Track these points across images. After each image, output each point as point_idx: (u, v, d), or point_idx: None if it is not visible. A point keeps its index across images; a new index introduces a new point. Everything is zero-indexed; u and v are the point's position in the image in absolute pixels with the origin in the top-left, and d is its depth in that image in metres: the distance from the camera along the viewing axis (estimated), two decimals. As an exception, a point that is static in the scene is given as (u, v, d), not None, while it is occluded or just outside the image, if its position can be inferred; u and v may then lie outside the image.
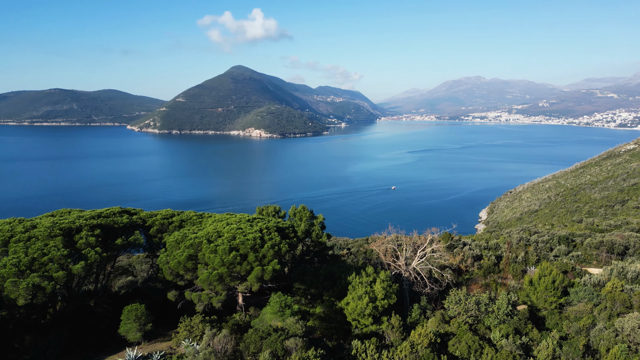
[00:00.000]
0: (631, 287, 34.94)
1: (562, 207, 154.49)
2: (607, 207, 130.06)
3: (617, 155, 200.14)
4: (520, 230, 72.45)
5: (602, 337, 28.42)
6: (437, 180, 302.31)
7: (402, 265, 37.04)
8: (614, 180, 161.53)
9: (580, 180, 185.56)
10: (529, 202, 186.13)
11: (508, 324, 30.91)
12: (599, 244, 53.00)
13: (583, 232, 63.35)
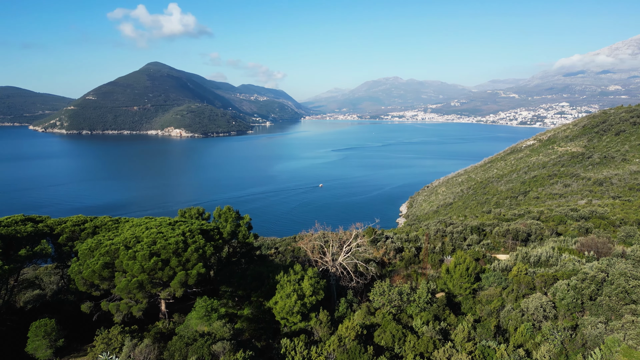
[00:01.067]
0: (534, 270, 38.56)
1: (474, 200, 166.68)
2: (511, 198, 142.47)
3: (519, 151, 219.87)
4: (437, 223, 76.92)
5: (510, 318, 31.10)
6: (360, 177, 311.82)
7: (329, 261, 37.72)
8: (517, 173, 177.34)
9: (488, 174, 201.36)
10: (444, 195, 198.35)
11: (428, 311, 32.71)
12: (506, 232, 57.88)
13: (492, 222, 68.78)
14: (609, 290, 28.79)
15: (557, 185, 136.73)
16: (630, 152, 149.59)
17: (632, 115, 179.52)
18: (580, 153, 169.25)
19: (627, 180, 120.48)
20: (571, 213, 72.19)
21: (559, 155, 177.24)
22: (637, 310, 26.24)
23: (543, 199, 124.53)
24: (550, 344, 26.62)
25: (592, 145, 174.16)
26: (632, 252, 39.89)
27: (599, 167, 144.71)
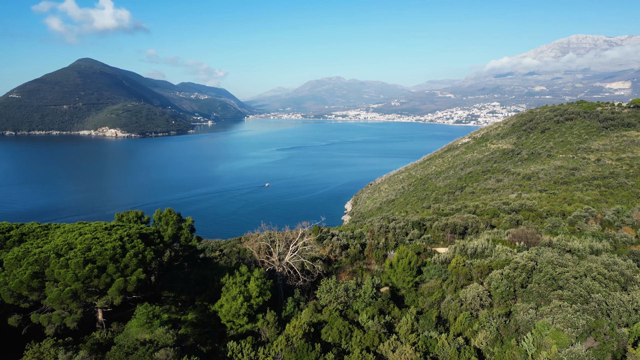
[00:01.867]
0: (471, 261, 40.59)
1: (414, 196, 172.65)
2: (449, 193, 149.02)
3: (456, 148, 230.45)
4: (380, 219, 78.88)
5: (450, 308, 32.51)
6: (306, 176, 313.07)
7: (276, 261, 37.52)
8: (454, 170, 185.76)
9: (427, 171, 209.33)
10: (387, 192, 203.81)
11: (373, 306, 33.44)
12: (445, 226, 60.48)
13: (432, 217, 71.62)
14: (538, 278, 30.88)
15: (491, 180, 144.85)
16: (554, 149, 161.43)
17: (556, 114, 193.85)
18: (510, 150, 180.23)
19: (552, 175, 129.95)
20: (503, 206, 76.74)
21: (491, 152, 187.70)
22: (564, 296, 28.36)
23: (478, 194, 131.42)
24: (487, 331, 28.12)
25: (520, 142, 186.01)
26: (557, 242, 43.08)
27: (527, 163, 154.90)
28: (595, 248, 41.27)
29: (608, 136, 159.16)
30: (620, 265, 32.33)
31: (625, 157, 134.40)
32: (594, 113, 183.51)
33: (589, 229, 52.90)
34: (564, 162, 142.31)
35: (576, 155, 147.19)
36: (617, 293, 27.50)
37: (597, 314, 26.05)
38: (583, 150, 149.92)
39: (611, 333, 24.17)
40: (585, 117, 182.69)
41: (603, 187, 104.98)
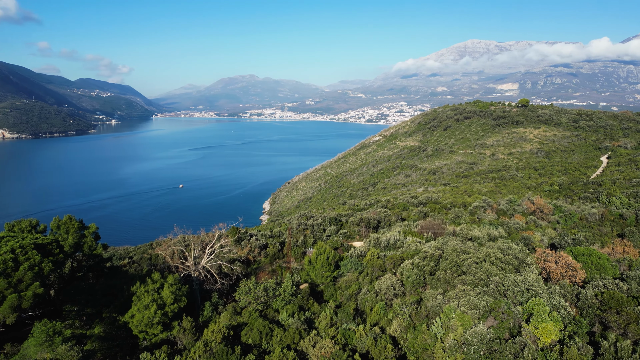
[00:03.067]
0: (384, 253, 42.46)
1: (331, 193, 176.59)
2: (363, 189, 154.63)
3: (368, 146, 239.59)
4: (298, 217, 79.54)
5: (366, 299, 33.74)
6: (222, 176, 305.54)
7: (191, 265, 36.14)
8: (367, 166, 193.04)
9: (342, 169, 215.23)
10: (304, 190, 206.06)
11: (293, 303, 33.63)
12: (359, 221, 62.60)
13: (347, 212, 73.77)
14: (444, 265, 33.17)
15: (400, 176, 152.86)
16: (455, 145, 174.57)
17: (456, 113, 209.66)
18: (417, 147, 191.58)
19: (454, 169, 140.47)
20: (412, 200, 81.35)
21: (400, 149, 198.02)
22: (467, 280, 30.77)
23: (389, 189, 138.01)
24: (401, 319, 29.64)
25: (426, 139, 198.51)
26: (460, 231, 46.64)
27: (432, 159, 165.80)
28: (492, 235, 45.35)
29: (500, 133, 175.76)
30: (513, 249, 35.87)
31: (515, 152, 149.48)
32: (488, 112, 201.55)
33: (486, 218, 58.00)
34: (464, 157, 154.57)
35: (474, 151, 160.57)
36: (512, 275, 30.48)
37: (495, 295, 28.65)
38: (480, 146, 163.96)
39: (508, 312, 26.74)
40: (481, 115, 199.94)
41: (497, 180, 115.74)
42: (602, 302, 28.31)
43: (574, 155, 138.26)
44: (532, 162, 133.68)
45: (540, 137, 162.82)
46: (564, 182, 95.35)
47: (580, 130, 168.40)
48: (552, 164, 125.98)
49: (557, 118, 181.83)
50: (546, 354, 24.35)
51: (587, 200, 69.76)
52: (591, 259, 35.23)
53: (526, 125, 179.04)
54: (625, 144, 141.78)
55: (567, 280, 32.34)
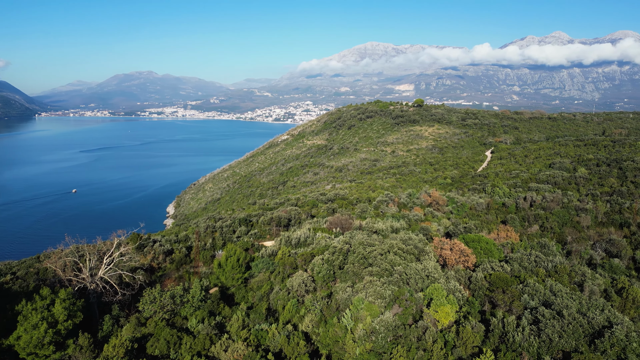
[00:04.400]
0: (295, 250, 42.82)
1: (240, 193, 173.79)
2: (273, 188, 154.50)
3: (276, 145, 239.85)
4: (206, 219, 77.04)
5: (278, 298, 33.77)
6: (119, 179, 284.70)
7: (87, 277, 33.23)
8: (276, 165, 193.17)
9: (251, 168, 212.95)
10: (211, 191, 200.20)
11: (203, 309, 32.52)
12: (270, 220, 62.44)
13: (257, 212, 73.13)
14: (352, 258, 34.39)
15: (309, 174, 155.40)
16: (359, 143, 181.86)
17: (359, 113, 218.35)
18: (324, 145, 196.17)
19: (359, 166, 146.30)
20: (321, 197, 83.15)
21: (308, 148, 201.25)
22: (373, 271, 32.22)
23: (299, 187, 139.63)
24: (312, 314, 30.15)
25: (332, 138, 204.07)
26: (366, 225, 48.70)
27: (338, 157, 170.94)
28: (395, 227, 48.02)
29: (399, 131, 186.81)
30: (414, 240, 38.34)
31: (413, 149, 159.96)
32: (388, 111, 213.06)
33: (389, 211, 61.27)
34: (368, 154, 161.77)
35: (377, 148, 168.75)
36: (413, 264, 32.57)
37: (399, 283, 30.39)
38: (381, 144, 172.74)
39: (411, 298, 28.53)
40: (382, 115, 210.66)
41: (398, 175, 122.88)
42: (491, 283, 31.46)
43: (463, 151, 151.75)
44: (427, 157, 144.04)
45: (435, 135, 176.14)
46: (455, 176, 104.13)
47: (468, 127, 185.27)
48: (445, 159, 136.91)
49: (448, 117, 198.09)
50: (445, 335, 26.42)
51: (475, 192, 76.90)
52: (480, 245, 38.94)
53: (422, 123, 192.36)
54: (505, 139, 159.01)
55: (461, 265, 35.41)
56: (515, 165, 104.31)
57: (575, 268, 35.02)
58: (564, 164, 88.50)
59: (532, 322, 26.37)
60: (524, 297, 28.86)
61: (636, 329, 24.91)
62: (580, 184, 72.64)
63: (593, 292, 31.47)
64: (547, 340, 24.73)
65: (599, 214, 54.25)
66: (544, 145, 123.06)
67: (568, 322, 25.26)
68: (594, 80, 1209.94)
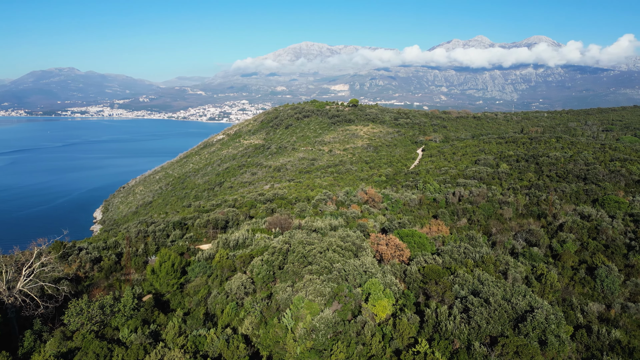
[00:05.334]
0: (234, 253, 42.05)
1: (173, 195, 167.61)
2: (209, 189, 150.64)
3: (212, 145, 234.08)
4: (137, 224, 73.50)
5: (217, 302, 32.99)
6: (40, 184, 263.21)
7: (4, 290, 30.44)
8: (211, 166, 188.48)
9: (185, 169, 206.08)
10: (142, 195, 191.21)
11: (136, 318, 31.01)
12: (207, 223, 60.83)
13: (193, 215, 70.95)
14: (292, 258, 34.40)
15: (246, 174, 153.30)
16: (297, 142, 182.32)
17: (296, 112, 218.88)
18: (261, 145, 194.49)
19: (297, 166, 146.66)
20: (259, 197, 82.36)
21: (245, 148, 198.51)
22: (313, 270, 32.43)
23: (236, 188, 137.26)
24: (252, 316, 29.78)
25: (269, 137, 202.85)
26: (305, 223, 48.94)
27: (276, 156, 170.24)
28: (333, 225, 48.70)
29: (336, 130, 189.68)
30: (352, 236, 39.11)
31: (349, 148, 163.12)
32: (325, 111, 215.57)
33: (327, 209, 62.03)
34: (306, 154, 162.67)
35: (314, 148, 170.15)
36: (352, 260, 33.21)
37: (338, 280, 30.85)
38: (319, 143, 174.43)
39: (350, 294, 29.07)
40: (319, 114, 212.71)
41: (336, 173, 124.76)
42: (424, 275, 32.86)
43: (396, 149, 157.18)
44: (363, 156, 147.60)
45: (369, 134, 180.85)
46: (390, 173, 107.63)
47: (400, 127, 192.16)
48: (380, 158, 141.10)
49: (382, 116, 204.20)
50: (382, 328, 27.21)
51: (408, 188, 79.96)
52: (414, 239, 40.55)
53: (357, 123, 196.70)
54: (435, 138, 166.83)
55: (396, 259, 36.67)
56: (444, 162, 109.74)
57: (499, 258, 37.54)
58: (488, 161, 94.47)
59: (462, 311, 27.88)
60: (455, 287, 30.45)
61: (554, 311, 27.16)
62: (502, 179, 77.93)
63: (516, 280, 33.92)
64: (476, 326, 26.27)
65: (519, 206, 58.53)
66: (469, 143, 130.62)
67: (494, 308, 27.00)
68: (513, 82, 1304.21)
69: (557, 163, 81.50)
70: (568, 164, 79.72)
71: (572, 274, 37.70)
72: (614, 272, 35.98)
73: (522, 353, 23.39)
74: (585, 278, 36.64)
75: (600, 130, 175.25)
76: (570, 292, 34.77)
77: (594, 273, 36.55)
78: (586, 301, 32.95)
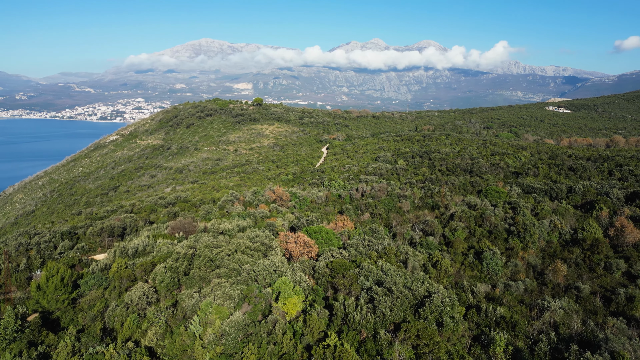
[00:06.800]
0: (133, 261, 39.33)
1: (61, 203, 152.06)
2: (102, 195, 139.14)
3: (104, 146, 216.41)
4: (18, 236, 65.40)
5: (115, 315, 30.63)
6: None
7: None
8: (104, 169, 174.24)
9: (73, 174, 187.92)
10: (23, 203, 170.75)
11: (19, 340, 27.65)
12: (101, 231, 56.14)
13: (84, 223, 64.99)
14: (198, 263, 33.16)
15: (145, 177, 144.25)
16: (200, 142, 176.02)
17: (197, 111, 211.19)
18: (160, 145, 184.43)
19: (200, 166, 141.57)
20: (160, 201, 78.06)
21: (142, 149, 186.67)
22: (221, 273, 31.58)
23: (134, 192, 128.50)
24: (156, 326, 28.17)
25: (169, 137, 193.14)
26: (211, 226, 47.48)
27: (178, 157, 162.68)
28: (241, 226, 47.91)
29: (241, 129, 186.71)
30: (261, 236, 38.82)
31: (255, 147, 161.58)
32: (228, 110, 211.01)
33: (235, 210, 60.84)
34: (210, 154, 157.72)
35: (218, 147, 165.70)
36: (261, 260, 32.95)
37: (248, 281, 30.42)
38: (223, 143, 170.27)
39: (260, 295, 28.83)
40: (222, 113, 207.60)
41: (242, 173, 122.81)
42: (332, 270, 33.76)
43: (302, 148, 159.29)
44: (270, 155, 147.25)
45: (275, 133, 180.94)
46: (296, 172, 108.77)
47: (305, 126, 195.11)
48: (287, 156, 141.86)
49: (287, 115, 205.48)
50: (293, 325, 27.44)
51: (315, 186, 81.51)
52: (321, 235, 41.47)
53: (262, 122, 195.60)
54: (338, 136, 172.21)
55: (305, 256, 37.19)
56: (347, 160, 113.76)
57: (400, 248, 39.91)
58: (387, 157, 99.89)
59: (368, 301, 29.16)
60: (361, 279, 31.74)
61: (449, 295, 29.59)
62: (400, 174, 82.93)
63: (415, 268, 36.33)
64: (381, 315, 27.65)
65: (416, 199, 62.78)
66: (370, 141, 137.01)
67: (397, 296, 28.66)
68: (407, 83, 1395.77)
69: (447, 158, 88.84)
70: (456, 158, 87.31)
71: (462, 259, 41.39)
72: (497, 255, 40.23)
73: (422, 336, 25.11)
74: (474, 262, 40.48)
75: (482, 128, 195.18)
76: (461, 276, 38.17)
77: (480, 257, 40.51)
78: (475, 283, 36.39)
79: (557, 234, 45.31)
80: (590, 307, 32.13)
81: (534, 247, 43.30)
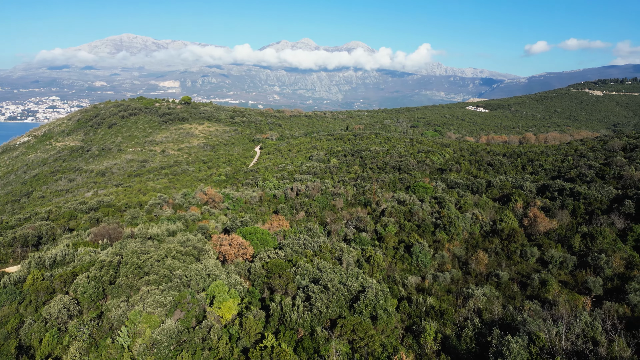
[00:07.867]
0: (51, 272, 36.28)
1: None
2: (13, 202, 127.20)
3: (14, 149, 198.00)
4: None
5: (32, 331, 28.13)
6: None
7: None
8: (15, 174, 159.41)
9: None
10: None
11: None
12: (12, 241, 51.31)
13: (-8, 233, 58.93)
14: (125, 270, 31.33)
15: (62, 181, 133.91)
16: (123, 143, 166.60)
17: (120, 110, 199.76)
18: (79, 147, 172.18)
19: (125, 169, 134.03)
20: (80, 207, 72.84)
21: (58, 151, 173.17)
22: (150, 280, 30.08)
23: (50, 197, 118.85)
24: (80, 340, 26.26)
25: (89, 138, 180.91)
26: (139, 231, 45.08)
27: (99, 159, 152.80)
28: (171, 230, 46.01)
29: (168, 129, 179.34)
30: (192, 240, 37.52)
31: (184, 147, 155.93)
32: (154, 109, 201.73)
33: (164, 214, 58.28)
34: (135, 155, 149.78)
35: (144, 148, 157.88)
36: (193, 265, 31.83)
37: (180, 287, 29.26)
38: (149, 143, 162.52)
39: (193, 300, 27.83)
40: (147, 112, 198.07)
41: (171, 175, 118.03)
42: (268, 270, 33.47)
43: (234, 148, 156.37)
44: (200, 156, 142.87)
45: (205, 132, 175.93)
46: (229, 172, 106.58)
47: (237, 125, 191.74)
48: (218, 157, 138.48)
49: (217, 114, 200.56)
50: (229, 329, 26.84)
51: (248, 186, 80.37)
52: (257, 236, 40.98)
53: (191, 121, 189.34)
54: (271, 136, 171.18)
55: (240, 258, 36.53)
56: (281, 159, 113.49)
57: (335, 245, 40.50)
58: (320, 156, 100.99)
59: (305, 299, 29.25)
60: (297, 278, 31.76)
61: (382, 288, 30.49)
62: (333, 173, 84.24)
63: (349, 264, 37.05)
64: (317, 312, 27.86)
65: (349, 196, 64.07)
66: (303, 140, 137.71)
67: (332, 293, 29.03)
68: (337, 83, 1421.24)
69: (377, 156, 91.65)
70: (386, 156, 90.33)
71: (394, 253, 42.90)
72: (426, 248, 42.19)
73: (357, 330, 25.66)
74: (405, 255, 42.12)
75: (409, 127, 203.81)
76: (393, 269, 39.57)
77: (410, 250, 42.24)
78: (406, 275, 37.89)
79: (478, 225, 48.42)
80: (509, 293, 34.70)
81: (459, 239, 45.96)
